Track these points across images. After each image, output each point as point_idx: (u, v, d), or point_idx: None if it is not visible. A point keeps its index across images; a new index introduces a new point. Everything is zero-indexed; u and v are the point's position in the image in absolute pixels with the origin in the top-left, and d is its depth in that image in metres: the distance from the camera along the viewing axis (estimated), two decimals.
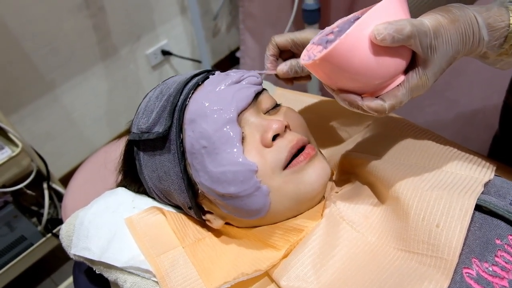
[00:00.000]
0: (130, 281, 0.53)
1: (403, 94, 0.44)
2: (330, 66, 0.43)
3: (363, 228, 0.51)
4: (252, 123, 0.54)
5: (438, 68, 0.44)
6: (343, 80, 0.45)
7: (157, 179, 0.57)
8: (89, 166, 1.12)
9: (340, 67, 0.42)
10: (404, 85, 0.44)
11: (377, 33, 0.39)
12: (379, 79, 0.43)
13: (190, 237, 0.57)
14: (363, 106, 0.45)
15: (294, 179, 0.51)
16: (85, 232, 0.57)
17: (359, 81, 0.44)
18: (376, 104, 0.44)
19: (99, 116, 1.74)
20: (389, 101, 0.44)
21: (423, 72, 0.43)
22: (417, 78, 0.43)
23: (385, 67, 0.42)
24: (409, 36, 0.40)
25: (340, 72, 0.43)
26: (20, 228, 1.24)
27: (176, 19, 1.86)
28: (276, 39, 0.60)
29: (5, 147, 1.13)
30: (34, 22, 1.37)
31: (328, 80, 0.46)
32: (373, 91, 0.45)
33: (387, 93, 0.45)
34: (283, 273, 0.50)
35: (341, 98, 0.46)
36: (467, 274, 0.42)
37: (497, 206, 0.46)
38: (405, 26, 0.39)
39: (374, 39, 0.40)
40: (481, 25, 0.43)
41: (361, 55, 0.41)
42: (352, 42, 0.40)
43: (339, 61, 0.42)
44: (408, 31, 0.39)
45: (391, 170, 0.53)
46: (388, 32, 0.39)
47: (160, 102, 0.55)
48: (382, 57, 0.41)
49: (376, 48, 0.41)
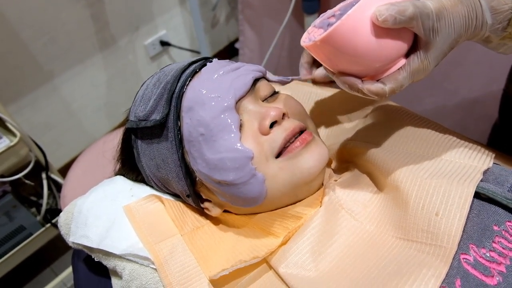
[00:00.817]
0: (128, 268, 0.53)
1: (404, 78, 0.44)
2: (331, 48, 0.42)
3: (362, 216, 0.51)
4: (250, 110, 0.53)
5: (440, 51, 0.43)
6: (343, 62, 0.44)
7: (155, 167, 0.57)
8: (87, 157, 1.12)
9: (340, 49, 0.42)
10: (405, 68, 0.43)
11: (379, 14, 0.39)
12: (380, 62, 0.43)
13: (189, 225, 0.57)
14: (363, 89, 0.44)
15: (290, 165, 0.51)
16: (84, 220, 0.57)
17: (359, 63, 0.43)
18: (377, 87, 0.44)
19: (97, 107, 1.74)
20: (390, 84, 0.44)
21: (425, 56, 0.43)
22: (419, 62, 0.43)
23: (386, 49, 0.42)
24: (411, 17, 0.39)
25: (341, 54, 0.42)
26: (19, 218, 1.24)
27: (175, 10, 1.85)
28: None
29: (3, 136, 1.13)
30: (32, 11, 1.36)
31: (329, 62, 0.46)
32: (373, 74, 0.45)
33: (387, 76, 0.44)
34: (282, 260, 0.50)
35: (341, 81, 0.46)
36: (464, 260, 0.42)
37: (495, 193, 0.46)
38: (408, 7, 0.39)
39: (376, 20, 0.39)
40: (485, 8, 0.43)
41: (362, 37, 0.40)
42: (353, 24, 0.40)
43: (339, 42, 0.41)
44: (410, 12, 0.39)
45: (390, 158, 0.53)
46: (390, 13, 0.38)
47: (157, 90, 0.55)
48: (383, 39, 0.41)
49: (378, 30, 0.40)
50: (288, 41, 1.64)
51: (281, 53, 1.69)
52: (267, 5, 1.64)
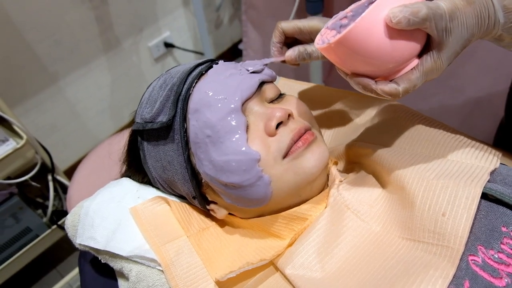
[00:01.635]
0: (135, 270, 0.53)
1: (417, 78, 0.44)
2: (345, 49, 0.42)
3: (368, 217, 0.51)
4: (256, 111, 0.53)
5: (452, 51, 0.43)
6: (357, 63, 0.44)
7: (161, 169, 0.57)
8: (93, 158, 1.13)
9: (354, 50, 0.42)
10: (418, 68, 0.44)
11: (393, 16, 0.39)
12: (394, 63, 0.43)
13: (195, 227, 0.57)
14: (377, 89, 0.44)
15: (293, 166, 0.51)
16: (90, 222, 0.57)
17: (373, 64, 0.43)
18: (390, 88, 0.44)
19: (102, 108, 1.74)
20: (403, 84, 0.44)
21: (438, 55, 0.43)
22: (432, 62, 0.43)
23: (400, 50, 0.42)
24: (425, 19, 0.39)
25: (355, 56, 0.43)
26: (25, 220, 1.25)
27: (178, 11, 1.86)
28: (283, 26, 0.60)
29: (9, 139, 1.13)
30: (37, 13, 1.36)
31: (342, 64, 0.46)
32: (387, 74, 0.45)
33: (401, 76, 0.44)
34: (288, 261, 0.50)
35: (355, 82, 0.46)
36: (472, 261, 0.42)
37: (503, 194, 0.45)
38: (421, 8, 0.39)
39: (390, 22, 0.39)
40: (497, 7, 0.43)
41: (376, 38, 0.41)
42: (367, 25, 0.40)
43: (354, 44, 0.41)
44: (424, 13, 0.39)
45: (396, 159, 0.53)
46: (403, 15, 0.39)
47: (163, 92, 0.55)
48: (397, 40, 0.41)
49: (391, 31, 0.40)
50: None
51: None
52: (271, 6, 1.64)
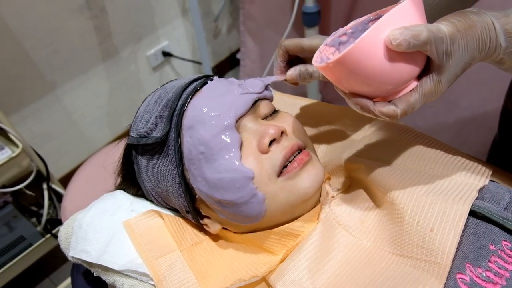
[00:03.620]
0: (127, 284, 0.53)
1: (416, 100, 0.43)
2: (343, 69, 0.42)
3: (359, 232, 0.52)
4: (250, 129, 0.54)
5: (452, 74, 0.43)
6: (355, 84, 0.44)
7: (155, 183, 0.58)
8: (89, 167, 1.13)
9: (353, 71, 0.42)
10: (417, 90, 0.43)
11: (393, 38, 0.39)
12: (393, 85, 0.43)
13: (188, 241, 0.57)
14: (375, 110, 0.44)
15: (288, 186, 0.51)
16: (83, 235, 0.57)
17: (372, 85, 0.43)
18: (388, 109, 0.44)
19: (99, 117, 1.75)
20: (402, 106, 0.43)
21: (437, 78, 0.43)
22: (431, 84, 0.43)
23: (399, 72, 0.42)
24: (426, 42, 0.39)
25: (353, 76, 0.42)
26: (19, 228, 1.25)
27: (177, 21, 1.87)
28: (286, 44, 0.60)
29: (5, 147, 1.13)
30: (35, 22, 1.37)
31: (340, 83, 0.46)
32: (385, 95, 0.45)
33: (399, 98, 0.44)
34: (279, 277, 0.50)
35: (353, 102, 0.46)
36: (460, 279, 0.42)
37: (491, 211, 0.46)
38: (422, 31, 0.39)
39: (390, 44, 0.39)
40: (499, 31, 0.43)
41: (375, 60, 0.40)
42: (366, 47, 0.40)
43: (352, 65, 0.41)
44: (424, 37, 0.39)
45: (387, 174, 0.54)
46: (404, 38, 0.38)
47: (158, 107, 0.56)
48: (396, 62, 0.41)
49: (391, 53, 0.40)
50: None
51: None
52: (269, 17, 1.65)
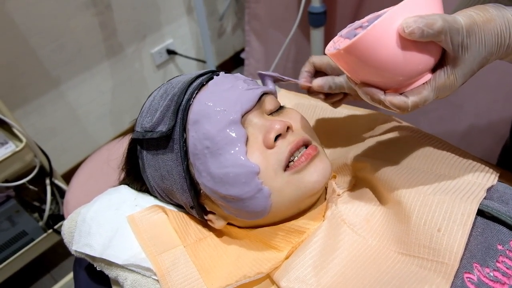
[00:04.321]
0: (130, 279, 0.53)
1: (428, 93, 0.42)
2: (354, 58, 0.41)
3: (364, 231, 0.51)
4: (255, 124, 0.54)
5: (468, 68, 0.42)
6: (366, 73, 0.43)
7: (160, 178, 0.57)
8: (91, 163, 1.13)
9: (364, 59, 0.41)
10: (430, 83, 0.42)
11: (406, 26, 0.38)
12: (405, 75, 0.42)
13: (192, 237, 0.57)
14: (385, 101, 0.43)
15: (295, 180, 0.51)
16: (87, 229, 0.57)
17: (383, 75, 0.42)
18: (399, 101, 0.42)
19: (103, 114, 1.75)
20: (413, 98, 0.42)
21: (452, 71, 0.41)
22: (445, 77, 0.42)
23: (412, 63, 0.41)
24: (440, 31, 0.38)
25: (364, 65, 0.41)
26: (21, 223, 1.25)
27: (182, 19, 1.87)
28: (314, 60, 0.61)
29: (9, 142, 1.13)
30: (41, 18, 1.37)
31: (351, 72, 0.45)
32: (397, 87, 0.44)
33: (411, 90, 0.43)
34: (283, 274, 0.50)
35: (363, 92, 0.45)
36: (468, 279, 0.42)
37: (499, 211, 0.45)
38: (436, 20, 0.38)
39: (403, 32, 0.38)
40: None
41: (387, 48, 0.39)
42: (378, 34, 0.39)
43: (363, 53, 0.40)
44: (439, 26, 0.38)
45: (393, 174, 0.53)
46: (417, 26, 0.37)
47: (164, 102, 0.55)
48: (409, 52, 0.40)
49: (404, 42, 0.39)
50: (294, 53, 1.65)
51: (286, 64, 1.70)
52: (274, 17, 1.65)
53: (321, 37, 1.34)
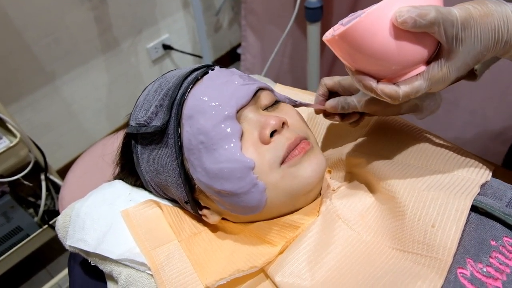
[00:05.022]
0: (125, 273, 0.53)
1: (421, 84, 0.42)
2: (348, 44, 0.41)
3: (359, 226, 0.52)
4: (251, 119, 0.53)
5: (462, 62, 0.41)
6: (360, 61, 0.43)
7: (154, 172, 0.57)
8: (87, 159, 1.12)
9: (357, 47, 0.41)
10: (423, 74, 0.42)
11: (399, 15, 0.38)
12: (397, 65, 0.42)
13: (186, 231, 0.57)
14: (377, 89, 0.43)
15: (290, 174, 0.51)
16: (81, 224, 0.57)
17: (376, 64, 0.42)
18: (391, 90, 0.43)
19: (98, 109, 1.74)
20: (405, 88, 0.42)
21: (445, 64, 0.41)
22: (438, 69, 0.42)
23: (405, 53, 0.41)
24: (433, 22, 0.38)
25: (358, 52, 0.42)
26: (16, 219, 1.24)
27: (178, 14, 1.86)
28: (326, 82, 0.60)
29: (3, 137, 1.13)
30: (36, 12, 1.36)
31: (346, 59, 0.45)
32: (391, 76, 0.44)
33: (404, 80, 0.43)
34: (278, 269, 0.50)
35: (357, 80, 0.45)
36: (461, 274, 0.42)
37: (493, 207, 0.46)
38: (430, 11, 0.38)
39: (395, 21, 0.38)
40: None
41: (380, 37, 0.40)
42: (372, 22, 0.39)
43: (357, 40, 0.40)
44: (432, 17, 0.38)
45: (388, 169, 0.53)
46: (410, 15, 0.37)
47: (158, 96, 0.55)
48: (402, 42, 0.40)
49: (397, 32, 0.39)
50: (290, 48, 1.65)
51: (283, 59, 1.70)
52: (270, 12, 1.64)
53: (318, 32, 1.33)
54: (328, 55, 1.54)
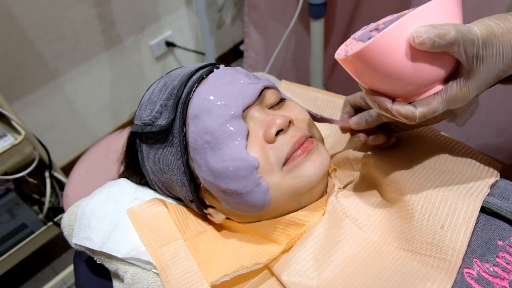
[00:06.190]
0: (130, 272, 0.53)
1: (438, 104, 0.40)
2: (362, 64, 0.40)
3: (366, 226, 0.51)
4: (256, 118, 0.53)
5: (483, 81, 0.39)
6: (374, 80, 0.42)
7: (159, 171, 0.57)
8: (91, 156, 1.12)
9: (372, 67, 0.39)
10: (441, 94, 0.40)
11: (416, 35, 0.36)
12: (414, 85, 0.40)
13: (192, 230, 0.57)
14: (392, 109, 0.42)
15: (292, 174, 0.51)
16: (87, 222, 0.57)
17: (391, 83, 0.40)
18: (407, 110, 0.41)
19: (102, 106, 1.74)
20: (421, 108, 0.41)
21: (465, 83, 0.39)
22: (457, 89, 0.40)
23: (422, 73, 0.39)
24: (452, 42, 0.36)
25: (372, 72, 0.40)
26: (21, 216, 1.25)
27: (181, 10, 1.85)
28: (347, 98, 0.59)
29: (7, 134, 1.13)
30: (40, 9, 1.36)
31: (360, 78, 0.43)
32: (406, 96, 0.42)
33: (420, 100, 0.41)
34: (285, 267, 0.50)
35: (371, 100, 0.43)
36: (467, 274, 0.42)
37: (500, 207, 0.45)
38: (449, 31, 0.36)
39: (413, 41, 0.36)
40: None
41: (397, 57, 0.38)
42: (388, 42, 0.37)
43: (372, 60, 0.39)
44: (451, 37, 0.36)
45: (396, 169, 0.53)
46: (428, 36, 0.36)
47: (163, 95, 0.55)
48: (419, 63, 0.38)
49: (414, 52, 0.37)
50: (294, 44, 1.64)
51: (286, 56, 1.69)
52: (273, 8, 1.64)
53: (321, 28, 1.33)
54: (332, 51, 1.53)
